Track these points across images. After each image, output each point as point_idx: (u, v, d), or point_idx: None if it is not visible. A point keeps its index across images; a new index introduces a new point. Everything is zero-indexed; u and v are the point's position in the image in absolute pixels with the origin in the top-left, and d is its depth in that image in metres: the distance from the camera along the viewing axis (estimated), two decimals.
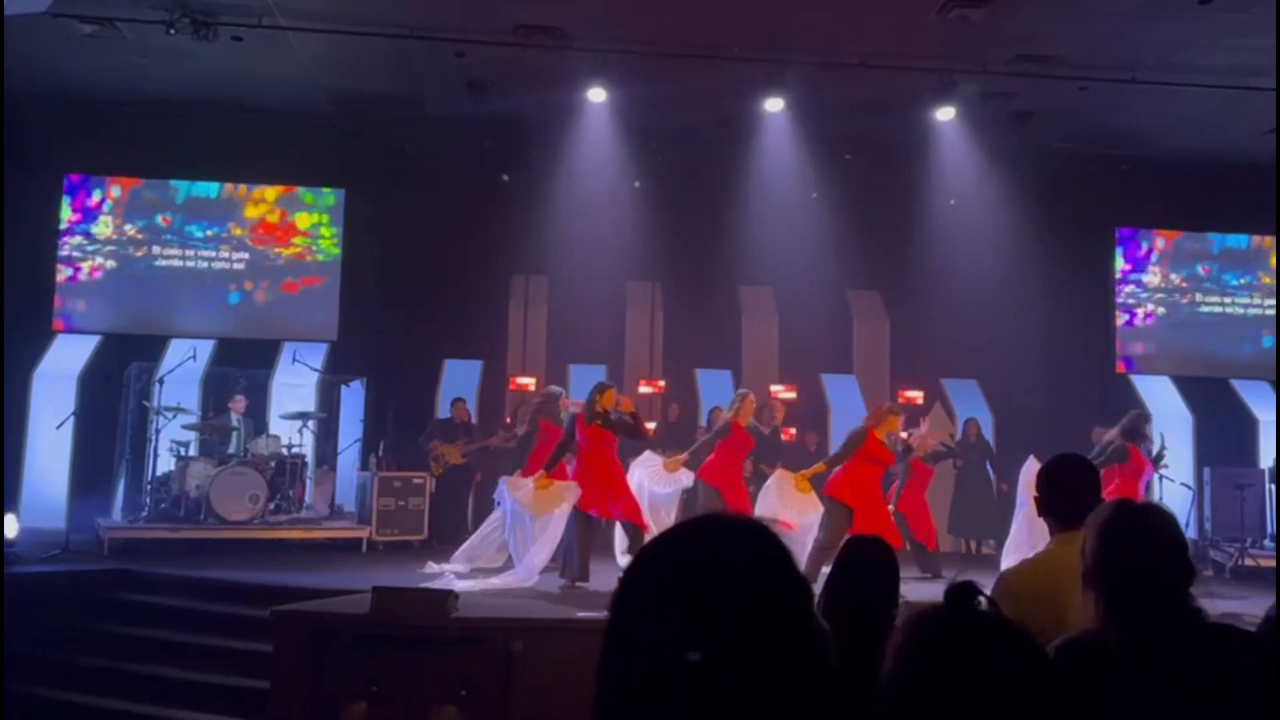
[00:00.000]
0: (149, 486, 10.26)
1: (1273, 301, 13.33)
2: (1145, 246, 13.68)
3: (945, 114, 10.97)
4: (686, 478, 8.98)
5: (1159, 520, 2.09)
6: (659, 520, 8.38)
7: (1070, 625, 2.18)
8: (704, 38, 9.54)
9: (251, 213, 12.65)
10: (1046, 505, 2.97)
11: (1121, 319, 13.47)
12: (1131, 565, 2.02)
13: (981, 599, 1.36)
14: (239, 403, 10.93)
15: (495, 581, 7.91)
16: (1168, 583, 2.00)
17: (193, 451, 10.48)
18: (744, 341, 12.88)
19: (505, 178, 12.25)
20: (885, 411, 8.55)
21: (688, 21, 9.30)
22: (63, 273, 12.19)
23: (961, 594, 1.36)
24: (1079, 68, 9.94)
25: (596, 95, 10.57)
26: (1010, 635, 1.32)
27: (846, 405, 11.70)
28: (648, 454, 9.05)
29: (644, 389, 12.35)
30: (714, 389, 12.16)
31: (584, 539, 8.05)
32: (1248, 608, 7.54)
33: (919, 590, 7.14)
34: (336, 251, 12.66)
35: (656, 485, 8.87)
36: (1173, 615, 1.98)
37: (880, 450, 8.39)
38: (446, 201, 11.98)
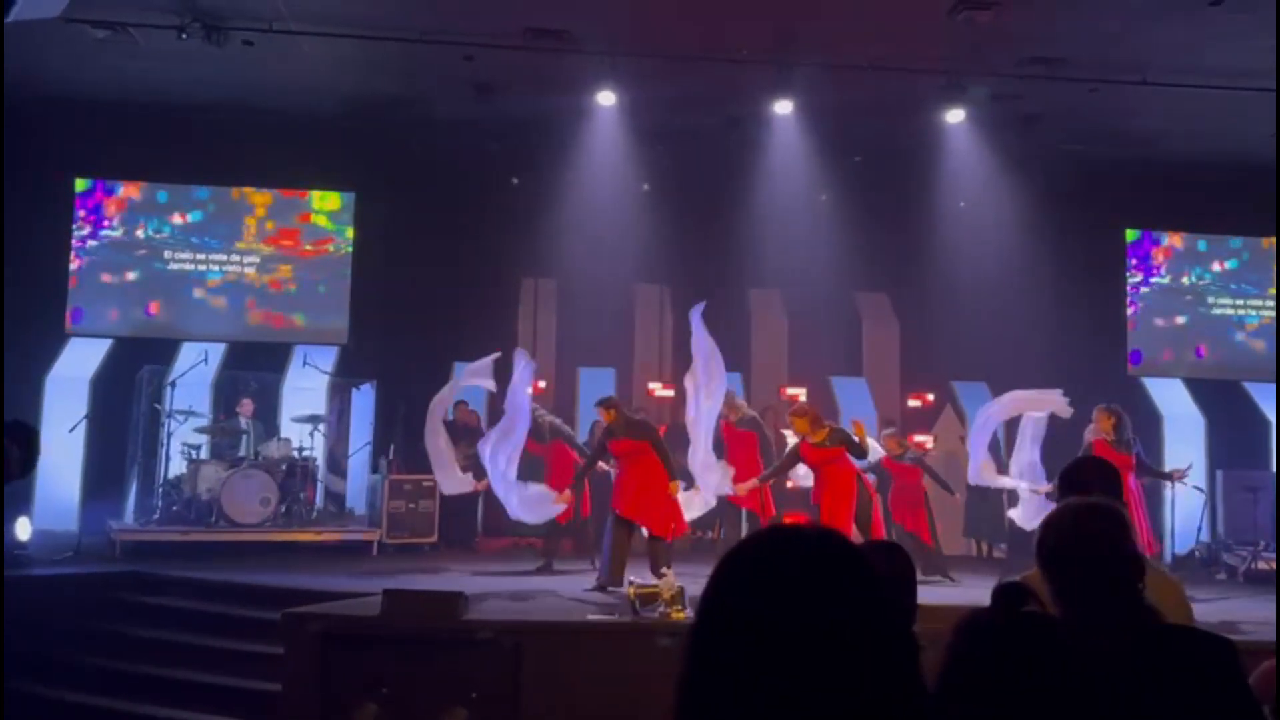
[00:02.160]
0: (160, 489, 10.31)
1: None
2: (1155, 248, 13.63)
3: (954, 116, 10.96)
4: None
5: (1095, 519, 2.14)
6: None
7: None
8: (712, 40, 9.55)
9: (262, 215, 12.69)
10: None
11: (1132, 321, 13.42)
12: (1063, 559, 2.10)
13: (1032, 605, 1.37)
14: (246, 405, 10.98)
15: None
16: (1102, 577, 2.05)
17: (204, 454, 10.53)
18: (753, 344, 12.86)
19: (514, 181, 12.28)
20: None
21: (696, 24, 9.30)
22: (75, 276, 12.24)
23: (1009, 596, 1.36)
24: (1088, 69, 9.91)
25: (605, 98, 10.58)
26: (1057, 635, 1.33)
27: (856, 408, 11.66)
28: None
29: (657, 390, 12.35)
30: None
31: (620, 544, 8.11)
32: (1258, 611, 7.51)
33: (927, 593, 7.09)
34: (347, 254, 12.69)
35: None
36: (1108, 609, 2.01)
37: (812, 454, 8.46)
38: (456, 204, 11.99)
